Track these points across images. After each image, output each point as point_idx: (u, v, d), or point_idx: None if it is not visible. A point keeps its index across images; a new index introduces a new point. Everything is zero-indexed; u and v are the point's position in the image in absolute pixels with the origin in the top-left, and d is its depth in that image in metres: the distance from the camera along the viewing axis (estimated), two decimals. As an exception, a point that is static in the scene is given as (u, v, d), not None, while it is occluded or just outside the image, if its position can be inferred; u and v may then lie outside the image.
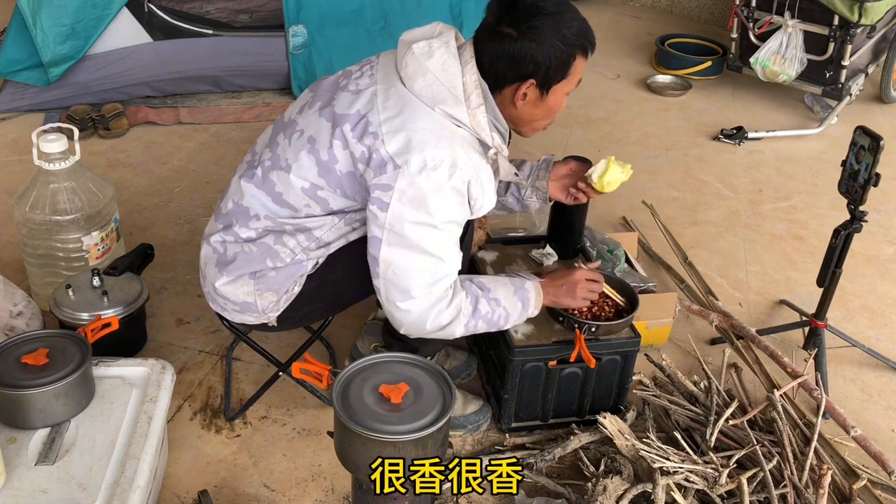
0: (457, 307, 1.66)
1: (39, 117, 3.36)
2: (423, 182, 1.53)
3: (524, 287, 1.77)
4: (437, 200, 1.56)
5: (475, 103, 1.59)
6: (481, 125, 1.60)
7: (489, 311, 1.71)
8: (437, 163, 1.53)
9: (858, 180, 1.98)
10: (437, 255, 1.61)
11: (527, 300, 1.76)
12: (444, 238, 1.61)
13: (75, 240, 2.20)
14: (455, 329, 1.68)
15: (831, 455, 1.88)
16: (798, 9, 3.58)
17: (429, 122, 1.56)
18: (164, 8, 3.44)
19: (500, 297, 1.73)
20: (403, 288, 1.61)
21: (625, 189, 3.16)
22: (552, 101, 1.65)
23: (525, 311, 1.76)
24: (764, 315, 2.52)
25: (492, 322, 1.72)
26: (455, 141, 1.57)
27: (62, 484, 1.47)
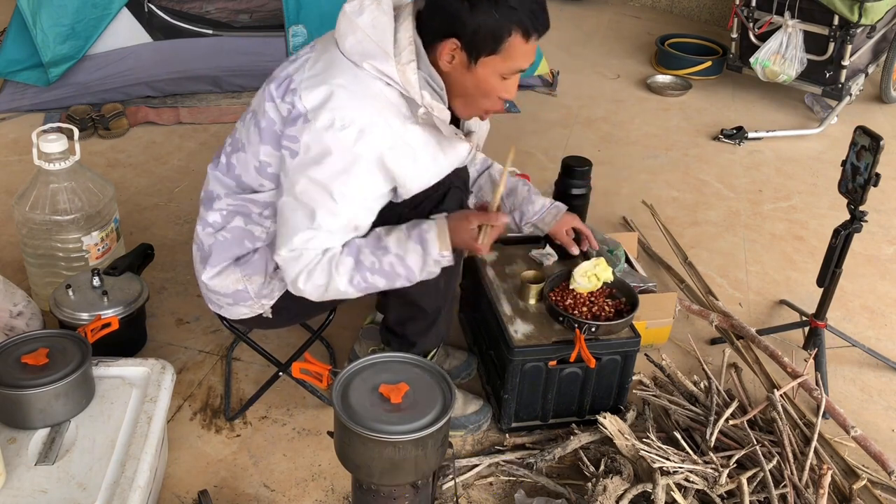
0: (329, 264, 1.58)
1: (39, 117, 3.36)
2: (328, 140, 1.51)
3: (420, 227, 1.62)
4: (338, 164, 1.52)
5: (406, 59, 1.53)
6: (410, 81, 1.53)
7: (375, 261, 1.60)
8: (346, 123, 1.50)
9: (858, 180, 1.98)
10: (318, 222, 1.55)
11: (425, 240, 1.60)
12: (332, 207, 1.55)
13: (75, 240, 2.20)
14: (339, 285, 1.60)
15: (831, 455, 1.88)
16: (798, 9, 3.58)
17: (349, 80, 1.53)
18: (164, 8, 3.44)
19: (391, 243, 1.61)
20: (281, 239, 1.59)
21: (625, 189, 3.19)
22: (481, 76, 1.56)
23: (427, 253, 1.60)
24: (764, 315, 2.52)
25: (386, 273, 1.61)
26: (375, 103, 1.53)
27: (62, 484, 1.47)
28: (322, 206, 1.55)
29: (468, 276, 2.20)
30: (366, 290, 1.63)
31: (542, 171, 3.22)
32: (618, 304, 1.96)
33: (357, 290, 1.63)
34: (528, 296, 2.00)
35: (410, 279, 1.63)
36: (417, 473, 1.52)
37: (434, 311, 1.88)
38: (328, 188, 1.53)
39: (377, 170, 1.56)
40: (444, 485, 1.81)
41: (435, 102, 1.57)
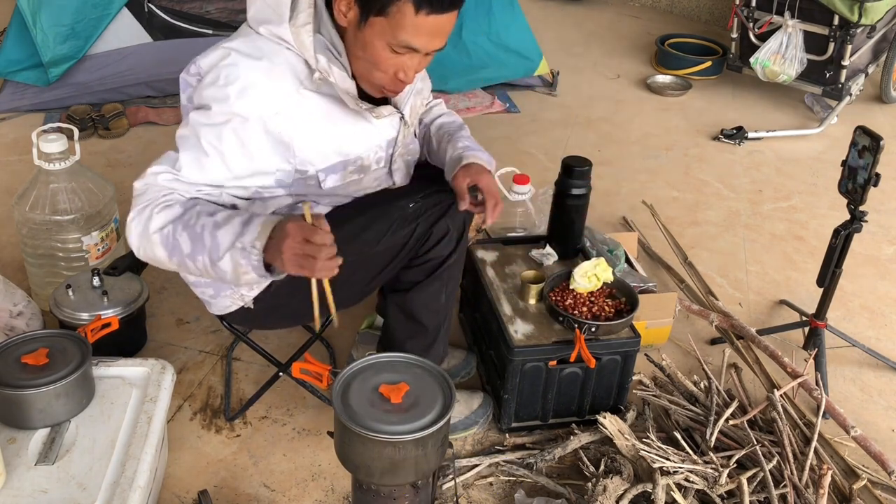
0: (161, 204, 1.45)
1: (39, 117, 3.36)
2: (210, 94, 1.48)
3: (259, 216, 1.46)
4: (215, 118, 1.47)
5: (301, 21, 1.49)
6: (305, 44, 1.49)
7: (192, 219, 1.43)
8: (231, 80, 1.47)
9: (858, 180, 1.98)
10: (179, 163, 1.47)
11: (249, 221, 1.42)
12: (199, 157, 1.48)
13: (75, 240, 2.20)
14: (151, 226, 1.43)
15: (831, 455, 1.88)
16: (798, 9, 3.58)
17: (243, 43, 1.51)
18: (164, 8, 3.44)
19: (221, 213, 1.45)
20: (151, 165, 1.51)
21: (625, 189, 3.19)
22: (368, 38, 1.48)
23: (241, 234, 1.40)
24: (764, 315, 2.52)
25: (194, 235, 1.42)
26: (266, 65, 1.49)
27: (62, 484, 1.47)
28: (190, 151, 1.49)
29: (468, 276, 2.20)
30: (171, 248, 1.44)
31: (542, 171, 3.22)
32: (618, 304, 1.96)
33: (163, 244, 1.44)
34: (528, 296, 2.00)
35: (211, 259, 1.42)
36: (417, 473, 1.52)
37: (434, 329, 1.88)
38: (202, 136, 1.48)
39: (260, 133, 1.50)
40: (444, 485, 1.81)
41: (334, 68, 1.51)
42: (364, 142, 1.67)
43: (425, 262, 1.78)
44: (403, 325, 1.87)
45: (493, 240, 2.27)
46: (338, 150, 1.63)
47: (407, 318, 1.85)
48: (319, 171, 1.62)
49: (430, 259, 1.78)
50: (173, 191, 1.48)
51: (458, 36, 3.72)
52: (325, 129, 1.58)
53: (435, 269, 1.79)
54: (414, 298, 1.81)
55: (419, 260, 1.77)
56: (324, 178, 1.64)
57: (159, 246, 1.45)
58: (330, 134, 1.60)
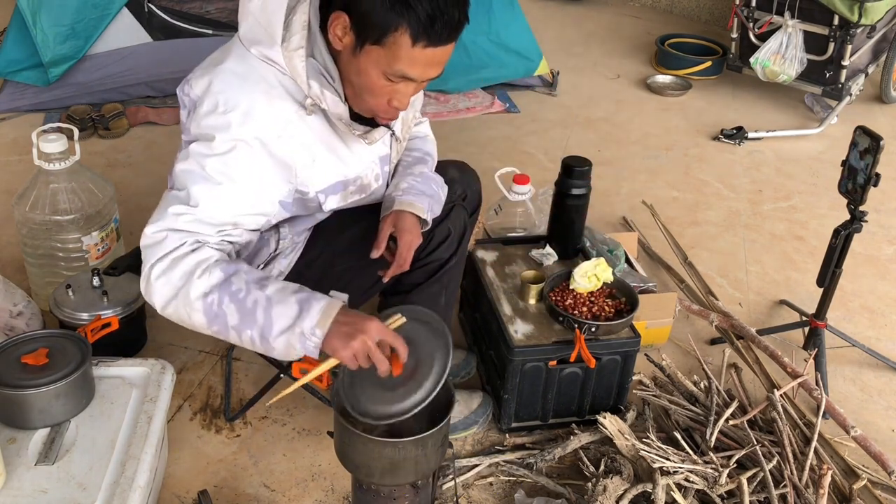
0: (196, 265, 1.39)
1: (39, 117, 3.36)
2: (211, 123, 1.43)
3: (314, 296, 1.41)
4: (220, 147, 1.43)
5: (294, 45, 1.44)
6: (297, 70, 1.45)
7: (243, 290, 1.39)
8: (230, 107, 1.43)
9: (858, 180, 1.98)
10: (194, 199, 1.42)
11: (309, 305, 1.39)
12: (211, 188, 1.43)
13: (75, 240, 2.20)
14: (192, 293, 1.38)
15: (831, 455, 1.88)
16: (798, 9, 3.58)
17: (238, 64, 1.47)
18: (164, 8, 3.44)
19: (272, 286, 1.41)
20: (151, 219, 1.44)
21: (625, 189, 3.19)
22: (363, 65, 1.43)
23: (300, 318, 1.37)
24: (764, 315, 2.52)
25: (244, 309, 1.38)
26: (263, 87, 1.45)
27: (62, 484, 1.47)
28: (201, 184, 1.43)
29: (468, 276, 2.20)
30: (213, 316, 1.40)
31: (542, 171, 3.22)
32: (618, 304, 1.96)
33: (204, 312, 1.40)
34: (528, 296, 2.00)
35: (262, 336, 1.39)
36: (417, 473, 1.52)
37: None
38: (209, 167, 1.43)
39: (265, 157, 1.47)
40: (444, 485, 1.81)
41: (327, 94, 1.48)
42: (361, 161, 1.65)
43: (426, 265, 1.78)
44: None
45: (493, 240, 2.27)
46: (337, 171, 1.61)
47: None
48: (319, 192, 1.60)
49: (431, 261, 1.78)
50: (200, 241, 1.43)
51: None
52: (324, 151, 1.56)
53: (435, 272, 1.79)
54: (414, 301, 1.81)
55: (420, 262, 1.77)
56: (324, 200, 1.63)
57: (200, 313, 1.40)
58: (328, 155, 1.58)
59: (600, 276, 1.95)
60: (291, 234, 1.73)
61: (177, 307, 1.42)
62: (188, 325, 1.45)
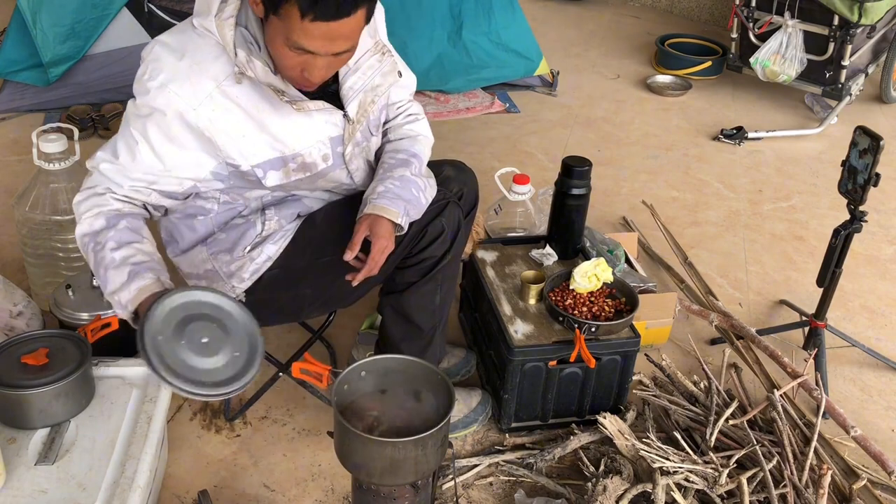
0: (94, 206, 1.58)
1: (39, 117, 3.36)
2: (138, 88, 1.55)
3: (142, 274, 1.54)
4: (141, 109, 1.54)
5: (226, 14, 1.51)
6: (226, 38, 1.51)
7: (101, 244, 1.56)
8: (154, 75, 1.52)
9: (858, 180, 1.98)
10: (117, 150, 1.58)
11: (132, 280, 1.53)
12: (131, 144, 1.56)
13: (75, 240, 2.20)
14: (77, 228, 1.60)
15: (831, 455, 1.88)
16: (798, 9, 3.58)
17: (174, 38, 1.55)
18: (164, 8, 3.44)
19: (121, 252, 1.55)
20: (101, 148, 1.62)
21: (625, 189, 3.19)
22: (270, 36, 1.48)
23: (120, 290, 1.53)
24: (764, 315, 2.52)
25: (96, 259, 1.57)
26: (186, 61, 1.51)
27: (62, 484, 1.47)
28: (123, 139, 1.58)
29: (468, 276, 2.20)
30: (84, 252, 1.61)
31: (542, 171, 3.22)
32: (618, 304, 1.96)
33: (81, 246, 1.61)
34: (528, 296, 2.00)
35: (104, 289, 1.56)
36: (417, 473, 1.52)
37: (429, 330, 1.87)
38: (132, 125, 1.56)
39: (181, 127, 1.54)
40: (444, 485, 1.81)
41: (255, 62, 1.52)
42: (301, 138, 1.63)
43: (420, 263, 1.77)
44: (399, 327, 1.86)
45: (493, 240, 2.27)
46: (271, 146, 1.61)
47: (402, 319, 1.84)
48: (255, 166, 1.61)
49: (425, 259, 1.76)
50: (112, 188, 1.58)
51: (458, 36, 3.72)
52: (252, 124, 1.57)
53: (429, 270, 1.78)
54: (409, 300, 1.81)
55: (413, 259, 1.76)
56: (263, 175, 1.63)
57: (80, 246, 1.61)
58: (258, 129, 1.58)
59: (600, 276, 1.95)
60: (278, 218, 1.73)
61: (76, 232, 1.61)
62: None
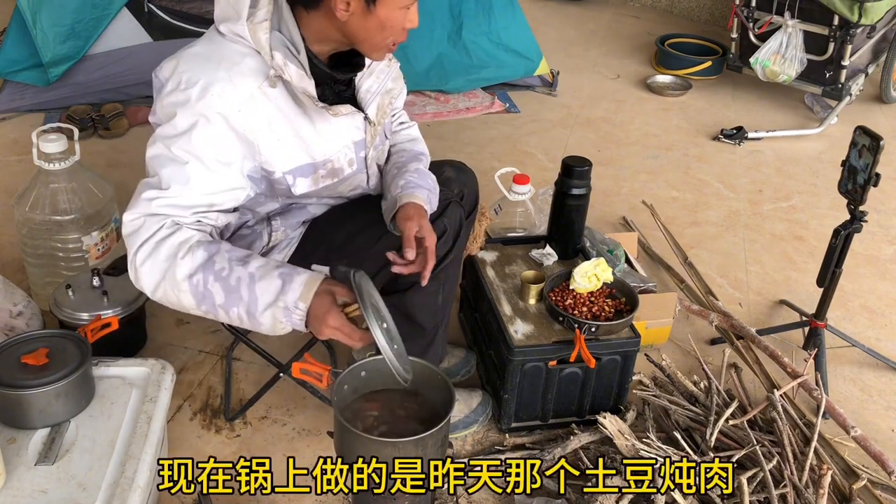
0: (178, 246, 1.43)
1: (39, 117, 3.36)
2: (172, 101, 1.47)
3: (296, 271, 1.47)
4: (182, 124, 1.46)
5: (259, 18, 1.48)
6: (261, 41, 1.48)
7: (226, 268, 1.43)
8: (190, 83, 1.46)
9: (858, 180, 1.98)
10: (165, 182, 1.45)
11: (291, 279, 1.44)
12: (180, 169, 1.46)
13: (75, 240, 2.20)
14: (177, 274, 1.43)
15: (831, 455, 1.88)
16: (798, 9, 3.58)
17: (203, 47, 1.52)
18: (164, 8, 3.44)
19: (254, 263, 1.45)
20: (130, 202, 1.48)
21: (625, 189, 3.19)
22: (384, 15, 1.49)
23: (283, 293, 1.43)
24: (764, 315, 2.52)
25: (229, 287, 1.43)
26: (223, 64, 1.48)
27: (62, 484, 1.47)
28: (169, 166, 1.46)
29: (468, 276, 2.20)
30: (201, 297, 1.45)
31: (542, 171, 3.22)
32: (618, 304, 1.96)
33: (192, 293, 1.45)
34: (528, 296, 2.00)
35: (250, 312, 1.44)
36: (417, 473, 1.52)
37: (431, 330, 1.88)
38: (174, 147, 1.46)
39: (227, 131, 1.48)
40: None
41: (290, 66, 1.50)
42: (330, 143, 1.64)
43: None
44: (401, 326, 1.86)
45: (493, 240, 2.27)
46: (305, 151, 1.60)
47: (405, 318, 1.85)
48: (286, 173, 1.60)
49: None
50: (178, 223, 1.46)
51: (458, 36, 3.72)
52: (289, 131, 1.57)
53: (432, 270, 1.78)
54: (411, 299, 1.81)
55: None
56: (293, 182, 1.62)
57: (188, 294, 1.45)
58: (293, 134, 1.57)
59: (600, 276, 1.95)
60: (284, 227, 1.73)
61: (165, 290, 1.46)
62: (178, 307, 1.49)
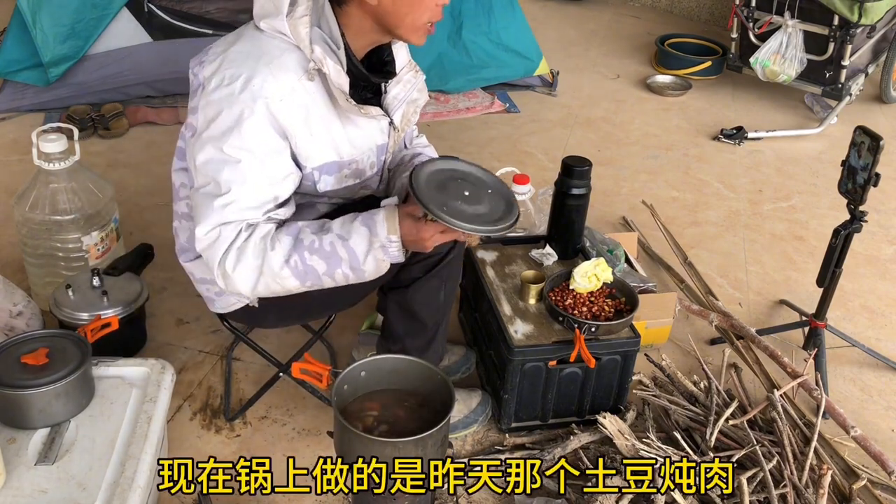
0: (263, 241, 1.50)
1: (39, 117, 3.36)
2: (216, 97, 1.49)
3: (373, 213, 1.54)
4: (227, 119, 1.48)
5: (299, 13, 1.51)
6: (301, 35, 1.50)
7: (315, 240, 1.51)
8: (234, 78, 1.48)
9: (858, 180, 1.98)
10: (226, 186, 1.48)
11: (373, 221, 1.52)
12: (237, 168, 1.48)
13: (75, 240, 2.20)
14: (274, 264, 1.49)
15: (831, 455, 1.88)
16: (798, 9, 3.58)
17: (246, 44, 1.53)
18: (164, 8, 3.44)
19: (335, 225, 1.54)
20: (197, 221, 1.51)
21: (625, 189, 3.19)
22: None
23: (374, 235, 1.52)
24: (764, 315, 2.52)
25: (326, 254, 1.51)
26: (264, 59, 1.50)
27: (62, 484, 1.47)
28: (226, 170, 1.48)
29: (468, 276, 2.20)
30: (304, 275, 1.52)
31: (542, 171, 3.22)
32: (618, 304, 1.96)
33: (294, 275, 1.52)
34: (528, 296, 2.00)
35: (353, 266, 1.52)
36: (417, 473, 1.52)
37: (433, 326, 1.88)
38: (225, 147, 1.48)
39: (268, 121, 1.50)
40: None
41: (329, 60, 1.52)
42: (357, 144, 1.66)
43: (424, 259, 1.78)
44: (403, 323, 1.87)
45: (493, 240, 2.27)
46: (334, 149, 1.62)
47: (406, 315, 1.85)
48: (314, 168, 1.61)
49: (429, 255, 1.78)
50: (253, 222, 1.51)
51: (458, 36, 3.72)
52: (321, 125, 1.59)
53: (434, 266, 1.79)
54: (413, 295, 1.82)
55: (418, 256, 1.77)
56: (318, 178, 1.64)
57: (291, 278, 1.52)
58: (325, 130, 1.60)
59: (600, 276, 1.95)
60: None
61: (266, 284, 1.53)
62: (282, 293, 1.56)
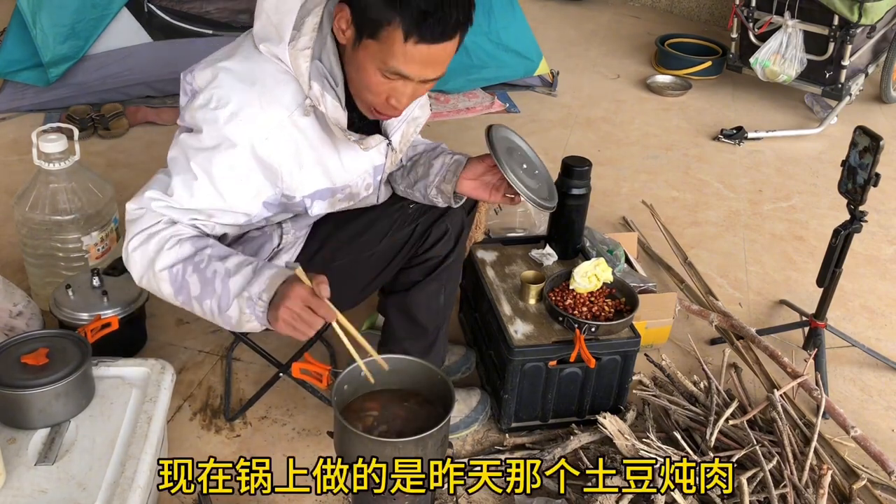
0: (168, 239, 1.46)
1: (39, 117, 3.36)
2: (201, 117, 1.47)
3: (269, 265, 1.46)
4: (206, 141, 1.46)
5: (302, 45, 1.45)
6: (300, 70, 1.46)
7: (204, 262, 1.44)
8: (222, 104, 1.45)
9: (858, 180, 1.98)
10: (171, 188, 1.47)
11: (259, 272, 1.43)
12: (190, 181, 1.47)
13: (75, 240, 2.20)
14: (159, 264, 1.45)
15: (831, 455, 1.88)
16: (798, 9, 3.58)
17: (241, 63, 1.49)
18: (164, 8, 3.44)
19: (233, 259, 1.46)
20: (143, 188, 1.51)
21: (625, 189, 3.19)
22: (361, 60, 1.43)
23: (250, 284, 1.41)
24: (764, 315, 2.52)
25: (204, 279, 1.44)
26: (257, 88, 1.46)
27: (62, 484, 1.47)
28: (181, 175, 1.48)
29: (468, 276, 2.20)
30: (178, 286, 1.46)
31: (542, 171, 3.22)
32: (618, 304, 1.96)
33: (170, 282, 1.46)
34: (528, 296, 2.00)
35: (221, 306, 1.44)
36: (417, 473, 1.52)
37: (434, 330, 1.89)
38: (193, 161, 1.47)
39: (250, 158, 1.48)
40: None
41: (327, 98, 1.48)
42: (353, 170, 1.64)
43: (424, 262, 1.78)
44: (403, 326, 1.87)
45: (493, 240, 2.27)
46: (326, 177, 1.61)
47: (406, 318, 1.85)
48: (305, 196, 1.60)
49: (429, 258, 1.78)
50: (176, 221, 1.48)
51: (458, 36, 3.72)
52: (314, 156, 1.56)
53: (433, 269, 1.80)
54: (413, 298, 1.82)
55: (418, 259, 1.78)
56: (310, 205, 1.62)
57: (166, 283, 1.47)
58: (318, 160, 1.57)
59: (600, 276, 1.95)
60: (294, 230, 1.74)
61: (148, 278, 1.49)
62: (160, 295, 1.52)
